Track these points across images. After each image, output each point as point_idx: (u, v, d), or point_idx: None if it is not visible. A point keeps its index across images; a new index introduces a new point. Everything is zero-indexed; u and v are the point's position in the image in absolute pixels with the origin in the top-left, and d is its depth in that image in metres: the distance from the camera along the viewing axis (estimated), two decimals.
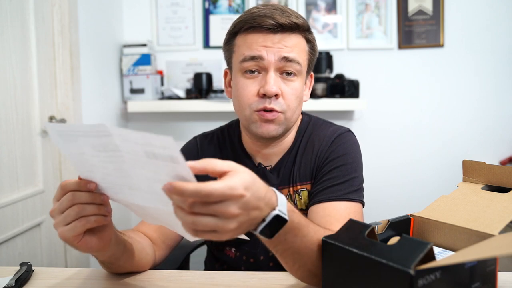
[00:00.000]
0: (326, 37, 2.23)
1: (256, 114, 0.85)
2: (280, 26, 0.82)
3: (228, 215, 0.48)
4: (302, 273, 0.66)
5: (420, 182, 2.23)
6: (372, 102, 2.18)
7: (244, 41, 0.85)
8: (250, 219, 0.51)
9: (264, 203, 0.52)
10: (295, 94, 0.85)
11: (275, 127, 0.85)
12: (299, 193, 0.92)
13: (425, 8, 2.17)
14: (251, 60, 0.83)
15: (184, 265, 1.19)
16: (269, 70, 0.83)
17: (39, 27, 1.54)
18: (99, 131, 0.51)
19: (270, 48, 0.82)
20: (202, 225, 0.48)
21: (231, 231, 0.49)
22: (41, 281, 0.75)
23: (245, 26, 0.84)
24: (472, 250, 0.47)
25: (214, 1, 2.27)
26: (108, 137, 0.50)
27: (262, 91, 0.82)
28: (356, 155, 0.91)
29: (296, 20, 0.83)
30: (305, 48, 0.87)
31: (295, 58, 0.83)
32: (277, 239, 0.57)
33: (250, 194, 0.49)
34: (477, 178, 0.78)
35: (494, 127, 2.19)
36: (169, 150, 0.46)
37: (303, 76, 0.87)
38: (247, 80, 0.85)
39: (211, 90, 2.12)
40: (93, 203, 0.61)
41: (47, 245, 1.59)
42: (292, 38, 0.84)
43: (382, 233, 0.68)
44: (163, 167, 0.48)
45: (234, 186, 0.47)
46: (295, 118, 0.89)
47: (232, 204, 0.48)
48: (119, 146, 0.51)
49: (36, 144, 1.53)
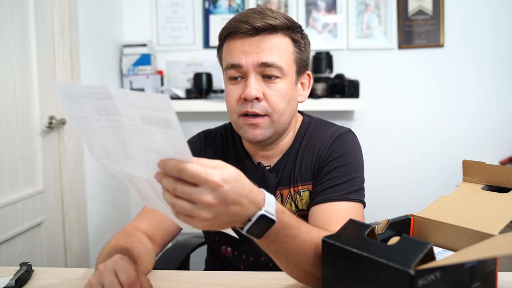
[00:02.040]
0: (326, 37, 2.23)
1: (241, 119, 0.86)
2: (254, 29, 0.82)
3: (202, 202, 0.49)
4: (297, 273, 0.66)
5: (420, 182, 2.23)
6: (372, 102, 2.18)
7: (227, 48, 0.87)
8: (230, 214, 0.52)
9: (247, 200, 0.53)
10: (280, 96, 0.84)
11: (261, 132, 0.85)
12: (300, 194, 0.92)
13: (425, 8, 2.17)
14: (232, 68, 0.85)
15: (184, 265, 1.19)
16: (249, 75, 0.83)
17: (39, 27, 1.54)
18: (101, 93, 0.50)
19: (248, 54, 0.82)
20: (179, 208, 0.51)
21: (207, 221, 0.51)
22: (41, 281, 0.76)
23: (225, 32, 0.86)
24: (472, 250, 0.47)
25: (214, 1, 2.27)
26: (109, 99, 0.50)
27: (243, 95, 0.83)
28: (357, 155, 0.91)
29: (272, 21, 0.82)
30: (289, 48, 0.86)
31: (273, 62, 0.82)
32: (268, 239, 0.58)
33: (229, 187, 0.50)
34: (477, 178, 0.78)
35: (494, 127, 2.19)
36: (163, 112, 0.46)
37: (289, 77, 0.86)
38: (232, 86, 0.87)
39: (211, 90, 2.12)
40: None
41: (47, 245, 1.59)
42: (271, 40, 0.83)
43: (382, 233, 0.68)
44: (157, 134, 0.48)
45: (211, 173, 0.49)
46: (285, 119, 0.87)
47: (207, 192, 0.49)
48: (119, 110, 0.50)
49: (36, 144, 1.53)
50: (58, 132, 1.67)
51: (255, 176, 0.93)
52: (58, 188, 1.68)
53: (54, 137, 1.65)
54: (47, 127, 1.57)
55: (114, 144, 0.56)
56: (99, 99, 0.51)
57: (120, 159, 0.58)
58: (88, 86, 0.52)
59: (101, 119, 0.54)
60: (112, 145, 0.56)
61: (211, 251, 1.06)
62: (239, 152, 0.97)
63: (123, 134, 0.53)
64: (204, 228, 0.53)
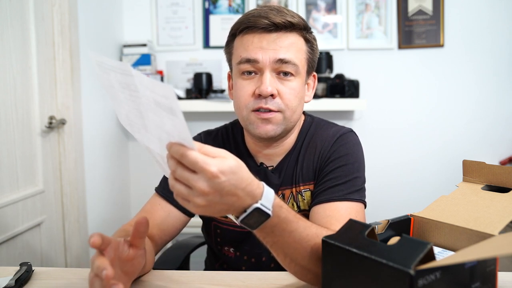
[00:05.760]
0: (326, 37, 2.23)
1: (253, 114, 0.85)
2: (274, 25, 0.82)
3: (197, 189, 0.51)
4: (294, 268, 0.66)
5: (420, 182, 2.23)
6: (372, 102, 2.18)
7: (241, 43, 0.86)
8: (225, 204, 0.53)
9: (244, 192, 0.54)
10: (293, 94, 0.85)
11: (273, 127, 0.85)
12: (302, 194, 0.92)
13: (425, 8, 2.17)
14: (247, 62, 0.84)
15: (184, 265, 1.19)
16: (265, 71, 0.83)
17: (39, 27, 1.54)
18: (124, 69, 0.53)
19: (265, 50, 0.82)
20: (177, 190, 0.53)
21: (201, 207, 0.53)
22: (41, 281, 0.75)
23: (241, 27, 0.85)
24: (472, 250, 0.47)
25: (214, 1, 2.27)
26: (130, 76, 0.52)
27: (257, 91, 0.83)
28: (358, 155, 0.91)
29: (291, 19, 0.83)
30: (303, 47, 0.86)
31: (291, 59, 0.83)
32: (264, 231, 0.60)
33: (225, 178, 0.51)
34: (477, 178, 0.78)
35: (494, 127, 2.19)
36: (169, 101, 0.48)
37: (301, 76, 0.87)
38: (244, 81, 0.86)
39: (211, 90, 2.12)
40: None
41: (47, 245, 1.59)
42: (289, 37, 0.84)
43: (382, 233, 0.68)
44: (166, 118, 0.50)
45: (209, 163, 0.50)
46: (296, 118, 0.88)
47: (203, 180, 0.50)
48: (138, 88, 0.53)
49: (36, 144, 1.53)
50: (58, 132, 1.67)
51: (257, 176, 0.93)
52: (58, 188, 1.68)
53: (54, 137, 1.65)
54: (47, 127, 1.57)
55: (135, 117, 0.59)
56: (122, 74, 0.54)
57: (140, 131, 0.61)
58: (114, 61, 0.54)
59: (125, 92, 0.57)
60: (134, 117, 0.60)
61: (212, 253, 1.06)
62: (241, 152, 0.97)
63: (141, 110, 0.56)
64: (199, 213, 0.56)
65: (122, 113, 0.63)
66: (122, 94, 0.58)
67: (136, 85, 0.52)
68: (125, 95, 0.57)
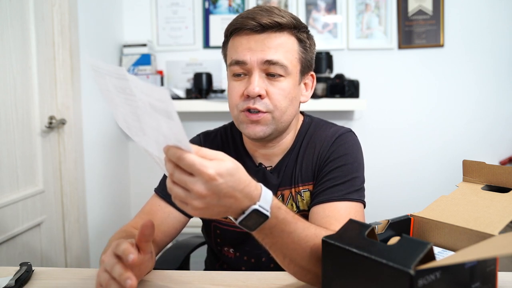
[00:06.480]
0: (326, 37, 2.23)
1: (242, 115, 0.85)
2: (261, 26, 0.82)
3: (195, 192, 0.51)
4: (294, 268, 0.66)
5: (420, 182, 2.23)
6: (372, 102, 2.18)
7: (232, 44, 0.87)
8: (222, 206, 0.54)
9: (241, 194, 0.54)
10: (283, 94, 0.84)
11: (261, 128, 0.85)
12: (301, 194, 0.91)
13: (425, 8, 2.17)
14: (236, 64, 0.84)
15: (184, 265, 1.19)
16: (253, 72, 0.83)
17: (39, 27, 1.54)
18: (119, 74, 0.53)
19: (253, 51, 0.82)
20: (175, 193, 0.53)
21: (199, 209, 0.53)
22: (41, 281, 0.75)
23: (231, 28, 0.86)
24: (472, 250, 0.47)
25: (214, 1, 2.27)
26: (125, 81, 0.53)
27: (246, 92, 0.83)
28: (357, 155, 0.91)
29: (279, 19, 0.82)
30: (294, 47, 0.86)
31: (278, 60, 0.82)
32: (262, 232, 0.60)
33: (223, 181, 0.51)
34: (477, 178, 0.78)
35: (494, 127, 2.19)
36: (165, 104, 0.48)
37: (293, 76, 0.86)
38: (235, 82, 0.86)
39: (211, 90, 2.12)
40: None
41: (47, 245, 1.59)
42: (278, 38, 0.83)
43: (382, 233, 0.68)
44: (162, 122, 0.51)
45: (206, 165, 0.50)
46: (287, 118, 0.87)
47: (201, 183, 0.51)
48: (133, 91, 0.53)
49: (36, 144, 1.53)
50: (58, 132, 1.67)
51: (256, 177, 0.93)
52: (58, 188, 1.68)
53: (54, 137, 1.65)
54: (47, 127, 1.57)
55: (132, 120, 0.59)
56: (117, 79, 0.54)
57: (137, 134, 0.62)
58: (109, 65, 0.54)
59: (121, 96, 0.57)
60: (131, 121, 0.60)
61: (212, 253, 1.06)
62: (239, 152, 0.97)
63: (138, 113, 0.56)
64: (197, 216, 0.56)
65: (120, 116, 0.63)
66: (118, 98, 0.58)
67: (132, 89, 0.53)
68: (121, 99, 0.58)
